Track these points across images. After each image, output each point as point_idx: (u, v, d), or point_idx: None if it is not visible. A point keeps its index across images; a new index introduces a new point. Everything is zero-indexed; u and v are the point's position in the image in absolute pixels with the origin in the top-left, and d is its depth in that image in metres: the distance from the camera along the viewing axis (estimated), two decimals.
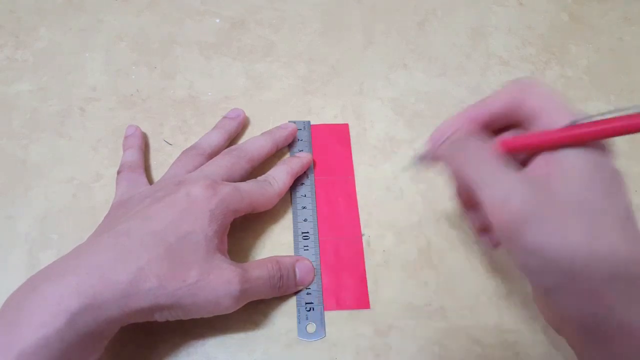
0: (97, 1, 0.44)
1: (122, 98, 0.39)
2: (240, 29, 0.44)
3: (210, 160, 0.33)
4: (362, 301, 0.32)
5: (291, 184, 0.34)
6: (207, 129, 0.38)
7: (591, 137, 0.20)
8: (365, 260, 0.34)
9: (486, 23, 0.46)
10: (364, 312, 0.32)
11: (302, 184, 0.36)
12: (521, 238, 0.20)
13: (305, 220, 0.35)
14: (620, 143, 0.40)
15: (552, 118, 0.22)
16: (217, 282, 0.27)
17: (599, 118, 0.20)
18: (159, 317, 0.27)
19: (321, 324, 0.31)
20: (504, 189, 0.21)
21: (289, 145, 0.37)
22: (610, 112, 0.20)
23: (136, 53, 0.42)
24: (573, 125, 0.21)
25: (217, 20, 0.44)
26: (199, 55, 0.42)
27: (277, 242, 0.34)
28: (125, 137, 0.36)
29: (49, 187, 0.35)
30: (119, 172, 0.34)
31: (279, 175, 0.33)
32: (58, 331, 0.23)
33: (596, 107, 0.41)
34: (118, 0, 0.44)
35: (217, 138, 0.35)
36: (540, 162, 0.22)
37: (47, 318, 0.23)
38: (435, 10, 0.46)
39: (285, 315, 0.31)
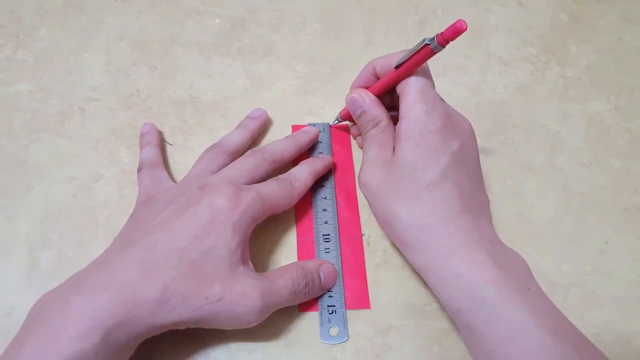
0: (97, 1, 0.44)
1: (122, 98, 0.39)
2: (240, 29, 0.44)
3: (234, 162, 0.33)
4: (362, 301, 0.32)
5: (312, 184, 0.34)
6: (207, 129, 0.38)
7: (409, 69, 0.29)
8: (365, 260, 0.34)
9: (486, 23, 0.46)
10: (364, 312, 0.32)
11: (323, 186, 0.36)
12: (370, 200, 0.31)
13: (326, 222, 0.34)
14: (620, 144, 0.40)
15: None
16: (239, 298, 0.27)
17: (406, 57, 0.29)
18: (181, 327, 0.27)
19: (344, 326, 0.31)
20: (369, 172, 0.31)
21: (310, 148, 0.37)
22: (409, 50, 0.29)
23: (136, 53, 0.42)
24: (397, 67, 0.30)
25: (217, 20, 0.44)
26: (199, 56, 0.42)
27: (277, 242, 0.34)
28: (142, 135, 0.36)
29: (49, 187, 0.35)
30: (139, 170, 0.34)
31: (302, 175, 0.33)
32: (94, 346, 0.23)
33: (596, 107, 0.41)
34: (118, 0, 0.44)
35: (240, 137, 0.36)
36: (399, 128, 0.30)
37: (82, 332, 0.23)
38: (435, 10, 0.46)
39: (286, 315, 0.31)
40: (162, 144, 0.37)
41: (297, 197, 0.33)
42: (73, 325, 0.23)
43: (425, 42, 0.27)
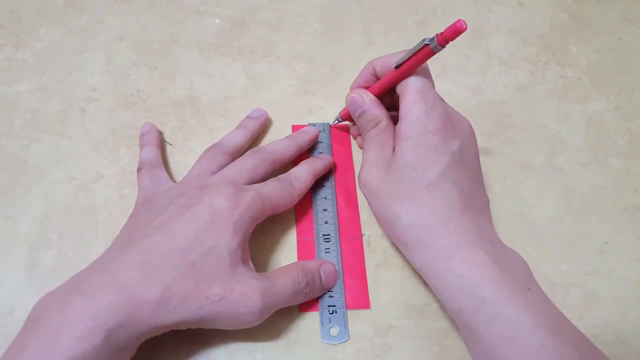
0: (97, 1, 0.44)
1: (122, 98, 0.39)
2: (240, 29, 0.44)
3: (234, 162, 0.33)
4: (362, 301, 0.32)
5: (312, 184, 0.34)
6: (207, 129, 0.38)
7: (408, 69, 0.29)
8: (365, 260, 0.34)
9: (486, 23, 0.46)
10: (364, 312, 0.32)
11: (323, 186, 0.36)
12: (370, 201, 0.31)
13: (326, 222, 0.34)
14: (620, 144, 0.40)
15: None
16: (240, 298, 0.27)
17: (406, 57, 0.29)
18: (183, 327, 0.27)
19: (344, 326, 0.31)
20: (369, 172, 0.31)
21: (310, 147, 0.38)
22: (408, 50, 0.29)
23: (136, 53, 0.42)
24: (397, 67, 0.30)
25: (217, 20, 0.44)
26: (199, 56, 0.42)
27: (277, 242, 0.34)
28: (142, 135, 0.36)
29: (49, 187, 0.35)
30: (139, 170, 0.34)
31: (302, 175, 0.33)
32: (95, 347, 0.23)
33: (596, 107, 0.41)
34: (118, 0, 0.44)
35: (240, 137, 0.36)
36: (399, 128, 0.30)
37: (84, 333, 0.23)
38: (435, 10, 0.46)
39: (286, 315, 0.31)
40: (162, 144, 0.37)
41: (297, 197, 0.33)
42: (74, 326, 0.23)
43: (425, 42, 0.27)
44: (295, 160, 0.36)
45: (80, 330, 0.23)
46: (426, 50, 0.27)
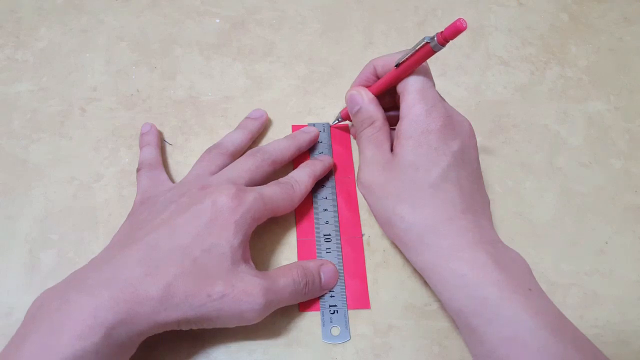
0: (97, 1, 0.44)
1: (123, 98, 0.39)
2: (240, 29, 0.44)
3: (234, 163, 0.33)
4: (362, 301, 0.32)
5: (312, 187, 0.34)
6: (207, 129, 0.38)
7: (409, 68, 0.30)
8: (365, 260, 0.34)
9: (486, 23, 0.46)
10: (364, 312, 0.32)
11: (323, 186, 0.36)
12: (370, 201, 0.31)
13: (327, 222, 0.34)
14: (620, 144, 0.40)
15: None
16: (242, 295, 0.27)
17: (406, 56, 0.29)
18: (184, 327, 0.27)
19: (345, 326, 0.31)
20: (368, 172, 0.31)
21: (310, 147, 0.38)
22: (409, 49, 0.29)
23: (136, 53, 0.42)
24: (397, 66, 0.30)
25: (217, 20, 0.44)
26: (199, 56, 0.42)
27: (278, 243, 0.34)
28: (142, 135, 0.36)
29: (49, 187, 0.35)
30: (138, 170, 0.34)
31: (302, 178, 0.33)
32: (94, 344, 0.23)
33: (596, 106, 0.41)
34: (118, 0, 0.44)
35: (240, 138, 0.36)
36: (399, 128, 0.30)
37: (84, 331, 0.23)
38: (435, 10, 0.46)
39: (286, 315, 0.31)
40: (162, 144, 0.37)
41: (298, 200, 0.33)
42: (74, 323, 0.23)
43: (426, 41, 0.27)
44: (295, 160, 0.36)
45: (80, 328, 0.23)
46: (426, 49, 0.27)
